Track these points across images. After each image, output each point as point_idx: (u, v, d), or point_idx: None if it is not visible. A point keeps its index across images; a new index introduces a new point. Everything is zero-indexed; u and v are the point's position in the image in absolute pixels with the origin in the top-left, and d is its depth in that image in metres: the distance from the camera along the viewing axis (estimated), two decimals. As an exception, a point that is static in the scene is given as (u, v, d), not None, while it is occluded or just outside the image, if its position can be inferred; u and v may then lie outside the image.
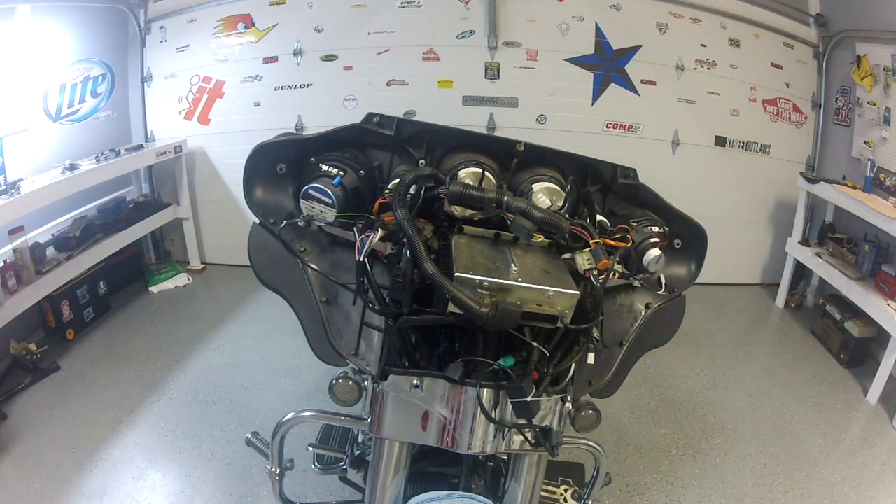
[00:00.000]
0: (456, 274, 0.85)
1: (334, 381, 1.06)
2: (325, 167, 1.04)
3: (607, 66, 3.67)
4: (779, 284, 3.78)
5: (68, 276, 2.87)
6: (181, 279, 3.75)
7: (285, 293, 1.09)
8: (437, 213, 1.01)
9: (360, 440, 1.44)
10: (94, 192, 3.28)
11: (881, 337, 2.82)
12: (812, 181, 3.41)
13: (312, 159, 1.06)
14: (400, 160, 1.14)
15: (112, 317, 3.28)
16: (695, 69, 3.70)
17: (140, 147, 3.52)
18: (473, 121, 3.63)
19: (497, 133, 3.59)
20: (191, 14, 3.70)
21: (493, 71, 3.66)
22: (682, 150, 3.78)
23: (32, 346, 2.66)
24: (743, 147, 3.83)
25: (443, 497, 1.05)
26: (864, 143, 3.34)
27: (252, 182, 1.08)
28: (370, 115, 1.09)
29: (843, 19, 3.56)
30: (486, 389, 0.92)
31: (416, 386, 0.94)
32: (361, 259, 0.92)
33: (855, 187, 3.16)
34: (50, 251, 2.85)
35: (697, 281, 1.20)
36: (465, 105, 3.70)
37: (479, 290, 0.85)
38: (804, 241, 3.55)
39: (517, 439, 0.96)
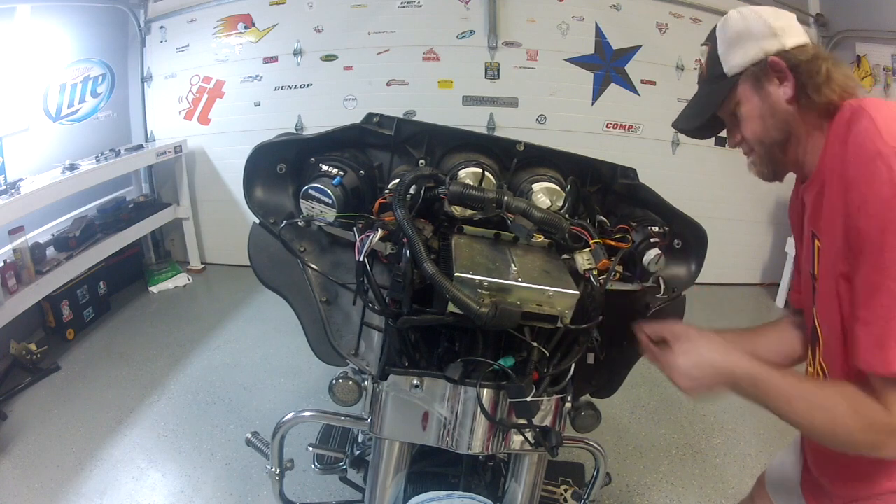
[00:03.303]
0: (456, 274, 0.85)
1: (334, 381, 1.06)
2: (324, 167, 1.03)
3: (607, 66, 3.67)
4: (779, 284, 3.78)
5: (68, 276, 2.87)
6: (181, 279, 3.75)
7: (285, 293, 1.09)
8: (437, 213, 1.01)
9: (360, 440, 1.43)
10: (94, 192, 3.27)
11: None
12: (812, 181, 3.40)
13: (312, 159, 1.06)
14: (400, 160, 1.13)
15: (112, 317, 3.28)
16: (695, 69, 3.67)
17: (140, 147, 3.52)
18: (473, 121, 3.63)
19: (497, 133, 3.59)
20: (191, 14, 3.70)
21: (493, 71, 3.66)
22: (682, 150, 3.78)
23: (32, 346, 2.66)
24: (743, 147, 3.82)
25: (443, 497, 1.05)
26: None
27: (252, 182, 1.08)
28: (370, 115, 1.09)
29: (843, 19, 3.55)
30: (485, 389, 0.92)
31: (416, 386, 0.94)
32: (361, 259, 0.92)
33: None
34: (50, 251, 2.85)
35: (697, 281, 1.19)
36: (465, 105, 3.70)
37: (478, 290, 0.85)
38: (804, 241, 3.54)
39: (517, 439, 0.96)
